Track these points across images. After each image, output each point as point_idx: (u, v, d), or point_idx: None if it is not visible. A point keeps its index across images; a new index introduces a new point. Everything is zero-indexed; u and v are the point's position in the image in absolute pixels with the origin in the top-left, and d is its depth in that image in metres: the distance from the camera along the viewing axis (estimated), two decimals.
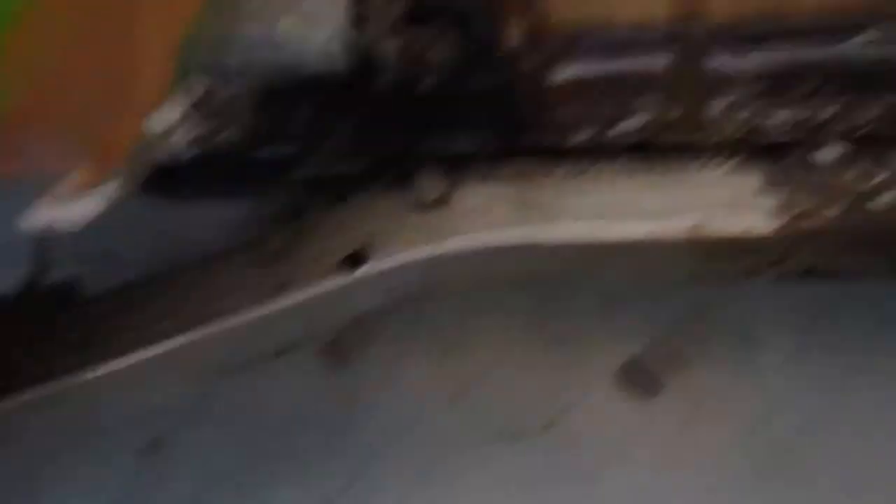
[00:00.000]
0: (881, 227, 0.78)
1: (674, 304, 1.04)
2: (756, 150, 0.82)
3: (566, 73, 0.78)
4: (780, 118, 0.80)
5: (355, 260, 0.84)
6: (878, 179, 0.79)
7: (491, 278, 0.89)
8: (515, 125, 0.85)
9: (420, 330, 1.08)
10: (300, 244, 0.87)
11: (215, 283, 0.91)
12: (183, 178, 0.94)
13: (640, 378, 1.03)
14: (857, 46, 0.74)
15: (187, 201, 0.97)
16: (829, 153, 0.82)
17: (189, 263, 0.94)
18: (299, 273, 0.87)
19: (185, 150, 0.88)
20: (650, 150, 0.84)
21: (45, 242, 0.94)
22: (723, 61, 0.76)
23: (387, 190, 0.87)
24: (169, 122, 0.86)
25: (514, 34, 0.77)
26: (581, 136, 0.84)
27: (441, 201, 0.84)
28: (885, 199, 0.78)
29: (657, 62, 0.77)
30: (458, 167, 0.85)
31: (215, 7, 0.77)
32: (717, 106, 0.79)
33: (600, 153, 0.85)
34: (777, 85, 0.77)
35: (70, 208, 0.80)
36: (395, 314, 1.04)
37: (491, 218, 0.82)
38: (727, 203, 0.81)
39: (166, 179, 0.93)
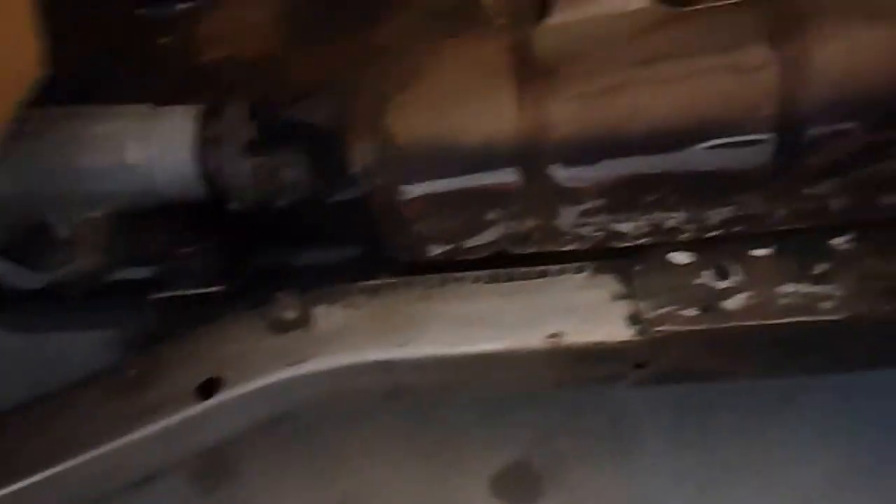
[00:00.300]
0: (737, 328, 0.80)
1: (551, 407, 1.05)
2: (610, 256, 0.84)
3: (418, 189, 0.77)
4: (632, 225, 0.81)
5: (211, 386, 0.81)
6: (730, 281, 0.83)
7: (357, 394, 0.87)
8: (371, 241, 0.85)
9: (297, 445, 1.06)
10: (157, 371, 0.83)
11: (74, 413, 0.87)
12: (37, 308, 0.90)
13: (519, 483, 1.03)
14: (699, 154, 0.75)
15: (42, 331, 0.93)
16: (681, 257, 0.85)
17: (47, 394, 0.90)
18: (157, 401, 0.83)
19: (36, 280, 0.85)
20: (507, 262, 0.85)
21: None
22: (570, 174, 0.76)
23: (245, 311, 0.85)
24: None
25: (364, 153, 0.77)
26: (437, 250, 0.84)
27: (299, 321, 0.82)
28: (738, 300, 0.82)
29: (506, 177, 0.77)
30: (317, 285, 0.85)
31: (51, 142, 0.77)
32: (568, 216, 0.80)
33: (458, 266, 0.85)
34: (625, 193, 0.78)
35: None
36: (269, 431, 1.02)
37: (350, 337, 0.81)
38: (585, 310, 0.82)
39: (19, 310, 0.89)
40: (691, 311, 0.80)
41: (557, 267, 0.85)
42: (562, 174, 0.77)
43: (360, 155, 0.77)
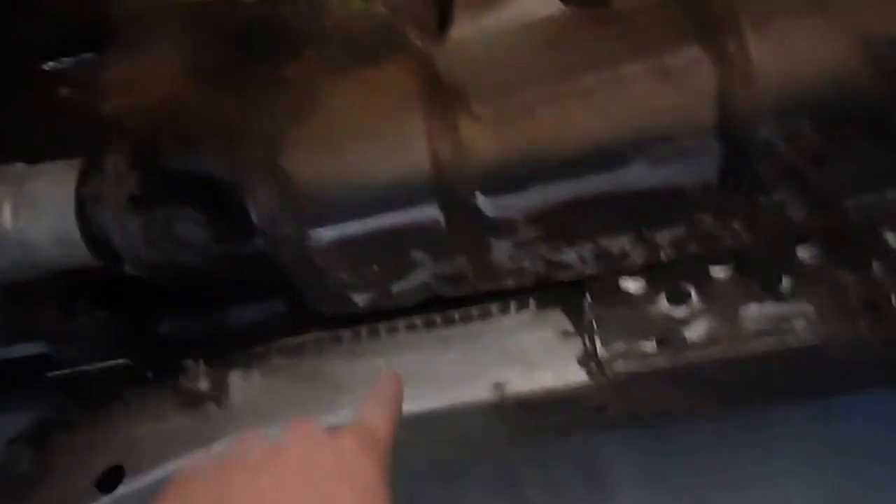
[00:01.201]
0: (700, 360, 0.71)
1: (519, 454, 0.97)
2: (554, 291, 0.77)
3: (327, 234, 0.69)
4: (575, 254, 0.73)
5: (113, 478, 0.73)
6: (688, 307, 0.74)
7: None
8: (285, 296, 0.77)
9: None
10: (52, 464, 0.75)
11: None
12: None
13: None
14: (638, 171, 0.67)
15: None
16: (634, 284, 0.76)
17: None
18: (53, 500, 0.74)
19: None
20: (441, 306, 0.77)
21: None
22: (497, 203, 0.68)
23: (150, 387, 0.77)
24: None
25: (262, 199, 0.68)
26: (362, 299, 0.76)
27: (212, 394, 0.73)
28: (699, 327, 0.72)
29: (425, 213, 0.68)
30: (229, 351, 0.76)
31: None
32: (502, 250, 0.72)
33: (386, 315, 0.77)
34: (562, 221, 0.70)
35: None
36: None
37: (269, 409, 0.72)
38: (531, 353, 0.74)
39: None
40: (648, 345, 0.72)
41: (499, 305, 0.77)
42: (487, 205, 0.68)
43: (259, 202, 0.69)
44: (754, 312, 0.72)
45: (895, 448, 0.89)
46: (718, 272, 0.75)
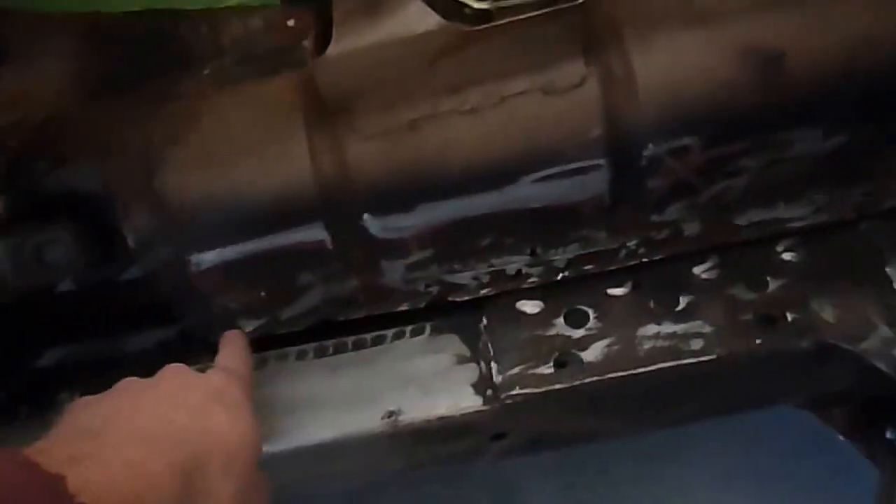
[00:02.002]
0: (597, 382, 0.68)
1: (423, 484, 0.94)
2: (449, 313, 0.74)
3: (208, 258, 0.66)
4: (469, 275, 0.71)
5: None
6: (586, 328, 0.71)
7: None
8: (167, 323, 0.74)
9: None
10: None
11: None
12: None
13: None
14: (527, 188, 0.65)
15: None
16: (531, 306, 0.75)
17: None
18: None
19: None
20: (333, 331, 0.74)
21: None
22: (385, 224, 0.66)
23: (23, 422, 0.73)
24: None
25: (138, 221, 0.65)
26: (251, 326, 0.72)
27: None
28: (597, 349, 0.71)
29: (310, 234, 0.66)
30: (114, 383, 0.73)
31: None
32: (393, 272, 0.70)
33: (275, 341, 0.73)
34: (453, 241, 0.68)
35: None
36: None
37: None
38: (425, 380, 0.70)
39: None
40: (545, 369, 0.69)
41: (393, 331, 0.74)
42: (375, 225, 0.66)
43: (134, 224, 0.66)
44: (651, 332, 0.70)
45: (806, 460, 0.89)
46: (616, 291, 0.74)
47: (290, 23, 0.66)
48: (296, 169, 0.65)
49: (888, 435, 0.71)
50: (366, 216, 0.66)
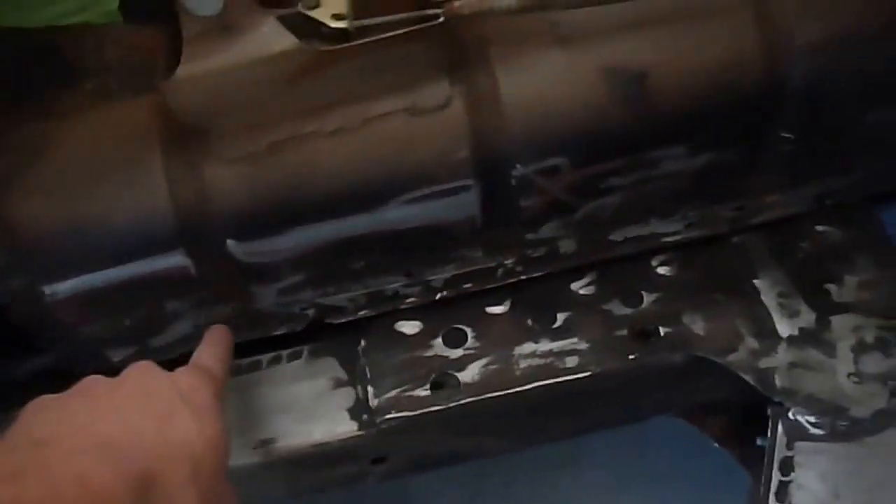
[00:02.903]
0: (473, 403, 0.67)
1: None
2: (326, 337, 0.72)
3: (64, 287, 0.62)
4: (346, 297, 0.70)
5: None
6: (464, 348, 0.70)
7: None
8: (23, 354, 0.71)
9: None
10: None
11: None
12: None
13: None
14: (397, 210, 0.63)
15: None
16: (410, 327, 0.74)
17: None
18: None
19: None
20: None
21: None
22: (251, 249, 0.63)
23: None
24: None
25: None
26: (120, 356, 0.69)
27: None
28: (474, 369, 0.69)
29: (172, 261, 0.63)
30: None
31: None
32: (266, 297, 0.68)
33: None
34: (326, 264, 0.66)
35: None
36: None
37: None
38: (302, 406, 0.69)
39: None
40: (421, 391, 0.69)
41: (269, 356, 0.73)
42: (241, 250, 0.64)
43: None
44: (528, 350, 0.70)
45: (699, 459, 0.91)
46: (495, 309, 0.74)
47: (143, 42, 0.64)
48: (152, 195, 0.62)
49: (758, 442, 0.73)
50: (230, 242, 0.64)
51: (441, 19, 0.61)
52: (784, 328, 0.70)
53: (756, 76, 0.64)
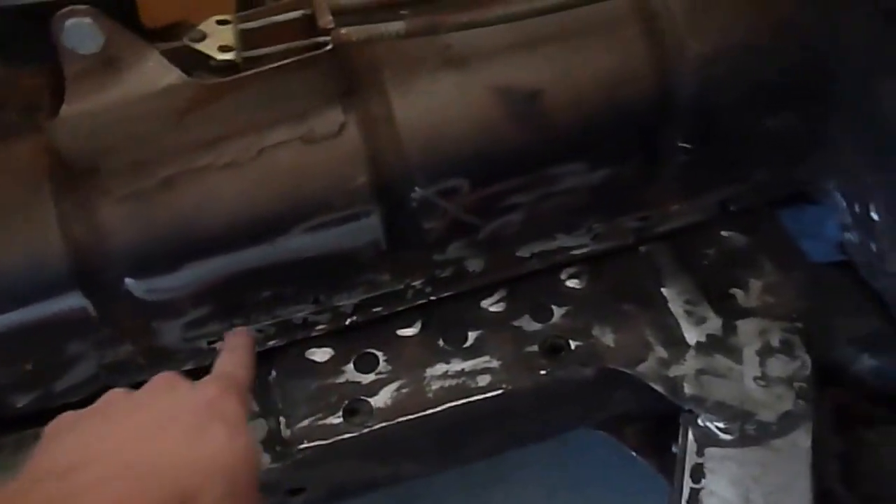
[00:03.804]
0: (387, 429, 0.66)
1: None
2: None
3: None
4: (254, 328, 0.68)
5: None
6: (376, 373, 0.69)
7: None
8: None
9: None
10: None
11: None
12: None
13: None
14: (299, 239, 0.62)
15: None
16: (319, 354, 0.71)
17: None
18: None
19: None
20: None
21: None
22: (150, 286, 0.63)
23: None
24: None
25: None
26: (24, 400, 0.66)
27: None
28: (387, 394, 0.69)
29: (69, 302, 0.61)
30: None
31: None
32: (170, 333, 0.66)
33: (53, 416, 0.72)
34: (230, 296, 0.65)
35: None
36: None
37: None
38: None
39: None
40: (334, 419, 0.68)
41: None
42: (139, 288, 0.63)
43: None
44: (440, 371, 0.70)
45: (626, 468, 0.92)
46: (407, 332, 0.73)
47: (26, 82, 0.62)
48: (44, 237, 0.60)
49: (674, 450, 0.74)
50: (128, 280, 0.63)
51: (330, 47, 0.62)
52: (692, 335, 0.71)
53: (648, 90, 0.66)
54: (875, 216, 0.71)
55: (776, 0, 0.66)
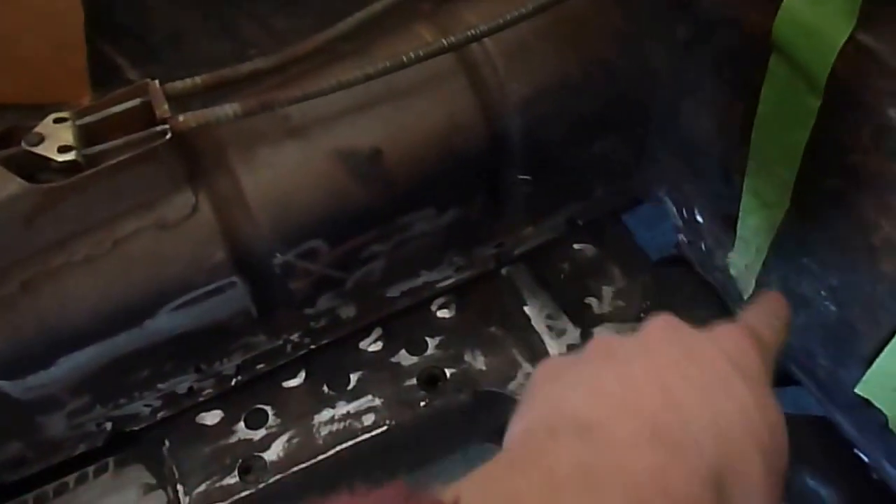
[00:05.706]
0: (281, 481, 0.70)
1: None
2: (131, 444, 0.73)
3: None
4: (140, 405, 0.70)
5: None
6: (266, 427, 0.72)
7: None
8: None
9: None
10: None
11: None
12: None
13: None
14: (167, 319, 0.64)
15: None
16: (209, 417, 0.75)
17: None
18: None
19: None
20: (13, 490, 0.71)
21: None
22: (23, 386, 0.62)
23: None
24: None
25: None
26: None
27: None
28: (278, 447, 0.72)
29: None
30: None
31: None
32: (56, 425, 0.67)
33: None
34: (110, 381, 0.67)
35: None
36: None
37: None
38: None
39: None
40: (230, 479, 0.71)
41: (76, 475, 0.72)
42: (15, 389, 0.63)
43: None
44: (327, 417, 0.74)
45: None
46: (292, 383, 0.77)
47: None
48: None
49: None
50: (2, 383, 0.64)
51: (169, 136, 0.63)
52: (553, 348, 0.77)
53: (480, 135, 0.70)
54: (700, 219, 0.78)
55: (586, 39, 0.71)
